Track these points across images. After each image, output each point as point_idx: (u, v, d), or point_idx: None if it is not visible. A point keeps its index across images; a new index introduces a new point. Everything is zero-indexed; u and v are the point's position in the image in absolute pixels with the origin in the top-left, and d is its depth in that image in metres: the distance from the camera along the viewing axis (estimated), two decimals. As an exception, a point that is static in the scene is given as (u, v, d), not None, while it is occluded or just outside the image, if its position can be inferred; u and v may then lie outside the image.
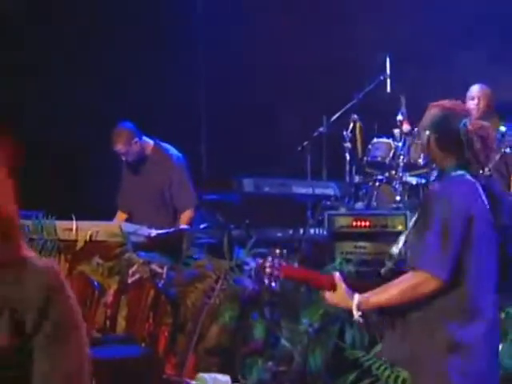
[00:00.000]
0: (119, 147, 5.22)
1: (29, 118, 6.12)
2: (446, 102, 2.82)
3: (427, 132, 2.80)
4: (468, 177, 2.71)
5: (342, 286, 2.74)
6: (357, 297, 2.72)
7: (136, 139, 5.25)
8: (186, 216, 5.20)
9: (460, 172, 2.71)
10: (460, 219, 2.61)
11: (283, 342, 4.14)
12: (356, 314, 2.74)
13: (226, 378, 3.29)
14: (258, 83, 6.34)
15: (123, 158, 5.30)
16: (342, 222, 4.51)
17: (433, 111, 2.81)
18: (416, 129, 5.12)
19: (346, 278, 2.87)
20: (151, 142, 5.37)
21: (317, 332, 4.04)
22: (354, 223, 4.45)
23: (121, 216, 5.40)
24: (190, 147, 5.70)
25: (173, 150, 5.37)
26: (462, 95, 5.13)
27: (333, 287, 2.75)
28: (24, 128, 5.76)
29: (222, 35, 6.48)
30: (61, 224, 4.62)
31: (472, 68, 5.77)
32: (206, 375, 3.40)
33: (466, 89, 5.43)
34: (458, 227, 2.60)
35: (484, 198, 2.69)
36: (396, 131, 5.13)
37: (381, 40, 5.95)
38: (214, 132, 6.82)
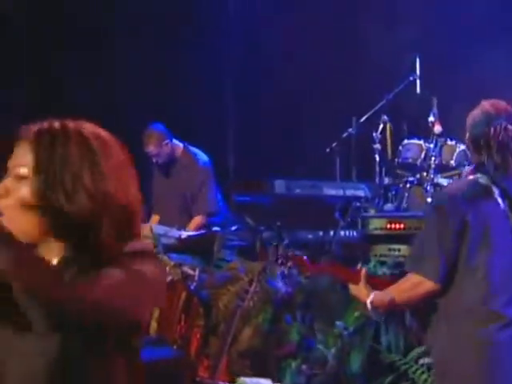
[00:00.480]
0: (151, 148, 5.23)
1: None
2: (487, 103, 2.80)
3: (467, 133, 2.82)
4: (481, 180, 2.70)
5: (363, 281, 2.82)
6: (372, 294, 2.79)
7: (167, 141, 5.27)
8: (195, 221, 5.20)
9: (477, 175, 2.72)
10: (449, 223, 2.63)
11: (317, 344, 4.13)
12: (370, 311, 2.82)
13: (268, 383, 3.28)
14: (286, 84, 6.32)
15: (154, 160, 5.31)
16: (376, 224, 4.49)
17: (474, 111, 2.81)
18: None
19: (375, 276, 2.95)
20: (181, 145, 5.39)
21: (352, 335, 4.03)
22: (389, 225, 4.43)
23: (155, 218, 5.42)
24: (216, 148, 5.70)
25: (201, 155, 5.39)
26: (492, 95, 5.08)
27: (358, 281, 2.84)
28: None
29: (251, 37, 6.48)
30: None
31: (503, 68, 5.72)
32: (247, 379, 3.39)
33: (497, 89, 5.38)
34: (448, 231, 2.62)
35: (499, 201, 2.66)
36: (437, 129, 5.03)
37: (411, 40, 5.90)
38: (240, 133, 6.81)
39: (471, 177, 2.74)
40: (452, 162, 5.08)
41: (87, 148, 1.54)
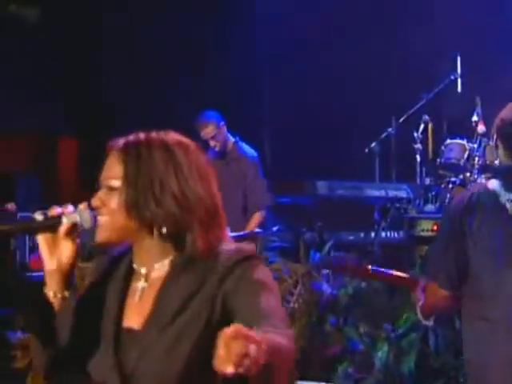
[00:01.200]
0: (209, 129, 5.23)
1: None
2: None
3: (496, 134, 2.79)
4: (490, 185, 2.64)
5: (417, 287, 2.85)
6: (421, 301, 2.81)
7: (223, 123, 5.31)
8: (256, 217, 5.19)
9: (490, 180, 2.70)
10: (452, 230, 2.64)
11: (363, 347, 4.12)
12: (419, 316, 2.85)
13: (325, 386, 3.28)
14: (324, 83, 6.30)
15: (212, 144, 5.27)
16: (423, 225, 4.48)
17: (504, 112, 2.76)
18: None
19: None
20: (232, 139, 5.42)
21: (399, 338, 4.01)
22: (435, 227, 4.41)
23: None
24: (252, 148, 5.68)
25: (248, 149, 5.41)
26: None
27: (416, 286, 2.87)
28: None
29: (287, 34, 6.47)
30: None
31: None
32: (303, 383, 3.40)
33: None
34: (452, 237, 2.64)
35: (507, 206, 2.60)
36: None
37: (452, 38, 5.86)
38: (277, 133, 6.80)
39: (483, 182, 2.73)
40: (496, 163, 5.04)
41: (171, 155, 1.64)
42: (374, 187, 5.00)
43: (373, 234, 4.96)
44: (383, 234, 4.96)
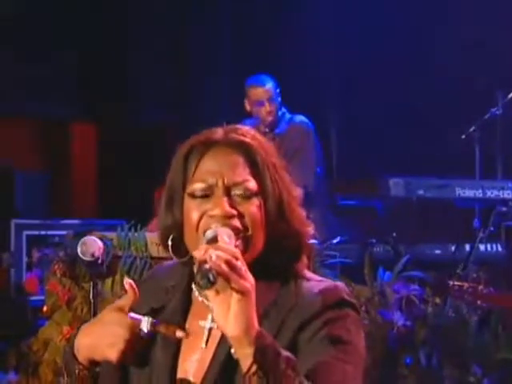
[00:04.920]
0: (262, 92, 5.28)
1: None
2: None
3: None
4: None
5: None
6: None
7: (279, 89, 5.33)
8: None
9: None
10: None
11: (446, 395, 4.11)
12: None
13: None
14: (406, 48, 6.31)
15: (265, 110, 5.33)
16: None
17: None
18: None
19: None
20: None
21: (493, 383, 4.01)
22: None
23: None
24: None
25: (299, 117, 5.45)
26: None
27: None
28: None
29: (356, 24, 6.52)
30: (153, 237, 4.70)
31: None
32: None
33: None
34: None
35: None
36: None
37: None
38: (343, 118, 6.84)
39: None
40: None
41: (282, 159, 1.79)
42: (467, 186, 4.95)
43: (468, 247, 4.91)
44: (481, 248, 4.90)
